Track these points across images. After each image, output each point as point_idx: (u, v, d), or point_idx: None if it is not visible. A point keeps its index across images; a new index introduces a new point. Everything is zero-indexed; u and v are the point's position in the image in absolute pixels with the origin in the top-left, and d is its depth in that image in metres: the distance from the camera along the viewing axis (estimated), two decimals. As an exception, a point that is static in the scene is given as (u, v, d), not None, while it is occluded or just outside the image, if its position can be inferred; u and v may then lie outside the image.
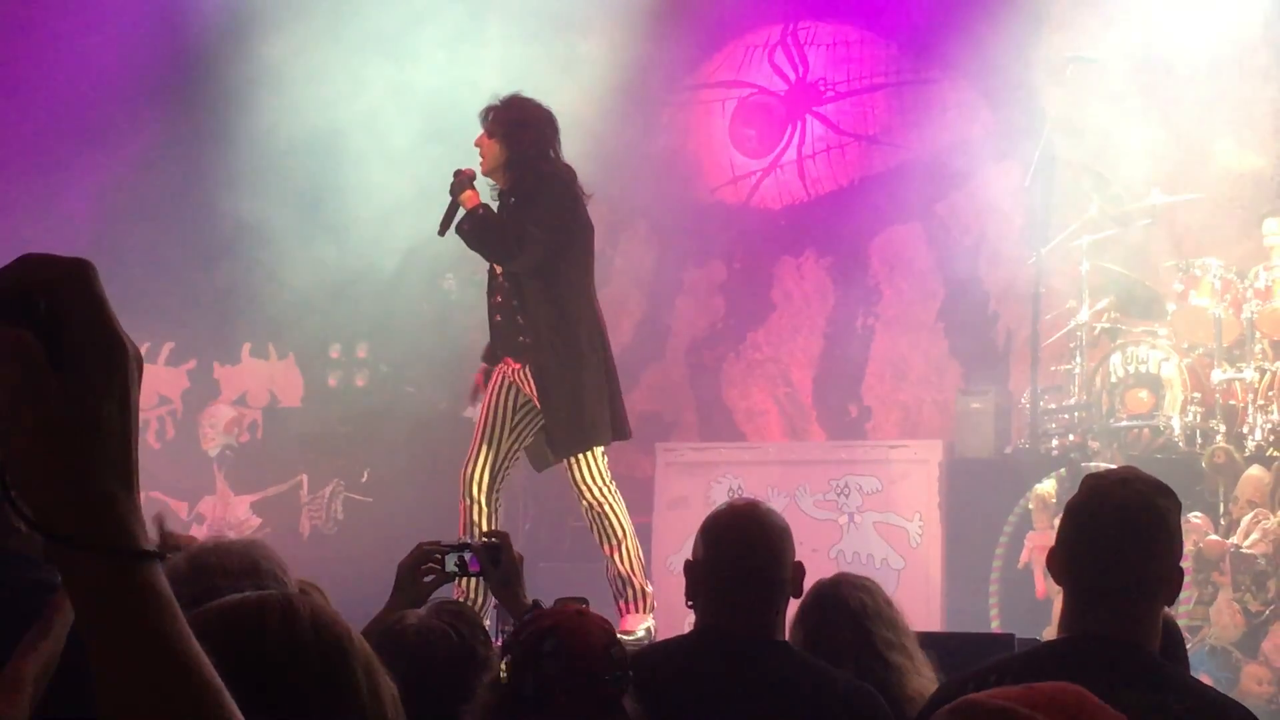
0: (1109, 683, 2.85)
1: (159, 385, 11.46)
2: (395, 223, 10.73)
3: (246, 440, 11.55)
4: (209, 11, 11.48)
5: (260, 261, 11.16)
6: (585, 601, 3.33)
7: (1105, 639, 2.97)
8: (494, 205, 7.10)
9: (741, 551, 3.62)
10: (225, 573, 2.87)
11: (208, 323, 11.53)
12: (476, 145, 7.08)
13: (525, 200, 6.97)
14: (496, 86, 7.28)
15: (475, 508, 7.04)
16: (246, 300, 11.47)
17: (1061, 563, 3.08)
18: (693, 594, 3.69)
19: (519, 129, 7.04)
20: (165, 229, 11.34)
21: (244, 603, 1.88)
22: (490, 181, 7.13)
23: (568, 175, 7.06)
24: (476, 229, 6.95)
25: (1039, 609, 8.84)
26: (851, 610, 4.05)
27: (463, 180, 7.02)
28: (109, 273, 1.19)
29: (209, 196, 11.33)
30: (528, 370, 7.02)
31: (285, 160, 11.01)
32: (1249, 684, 8.28)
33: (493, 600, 5.36)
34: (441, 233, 7.11)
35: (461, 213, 6.99)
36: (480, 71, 10.76)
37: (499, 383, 7.14)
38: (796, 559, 3.71)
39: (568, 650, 2.98)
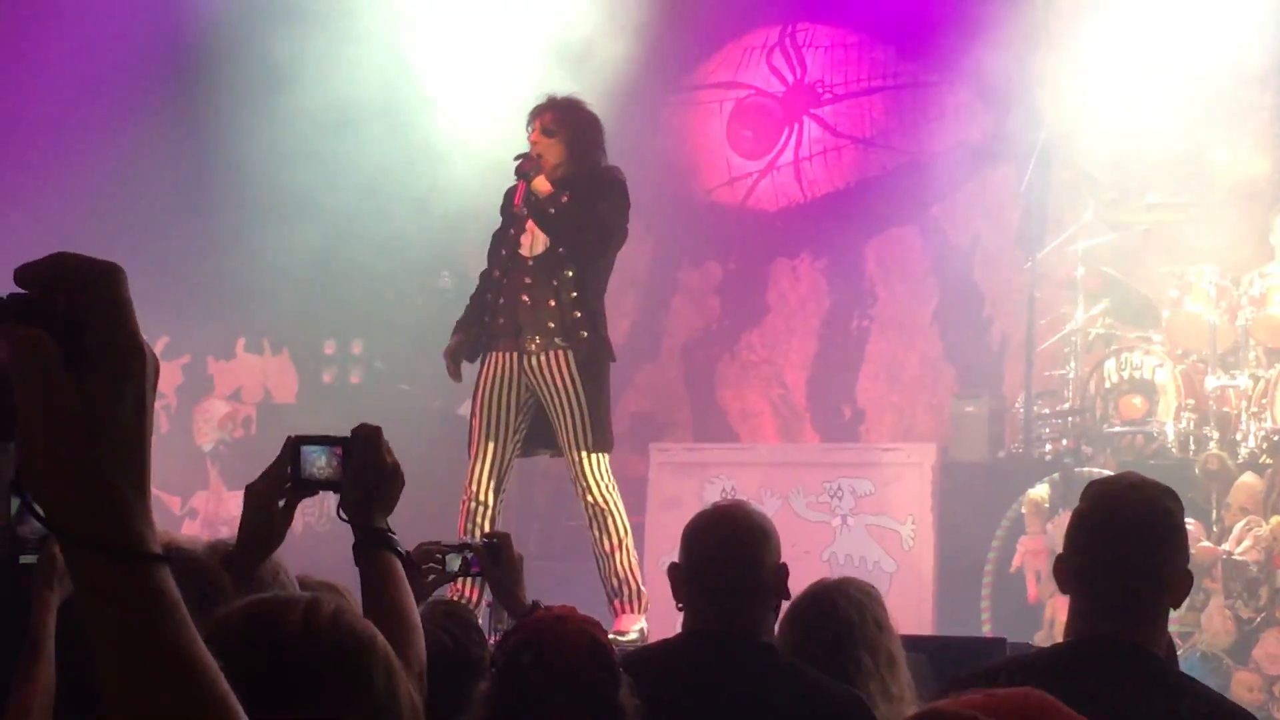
0: (1122, 686, 2.86)
1: (153, 379, 11.43)
2: (391, 219, 10.73)
3: (240, 436, 11.55)
4: (207, 5, 11.46)
5: (255, 257, 11.15)
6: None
7: (1116, 642, 2.98)
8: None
9: (716, 554, 3.62)
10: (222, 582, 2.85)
11: (202, 318, 11.51)
12: (534, 142, 6.98)
13: (583, 198, 6.89)
14: (492, 86, 7.26)
15: (479, 507, 6.95)
16: (241, 296, 11.45)
17: (1072, 568, 3.07)
18: (676, 596, 3.70)
19: (581, 129, 7.01)
20: (160, 223, 11.32)
21: (267, 601, 1.90)
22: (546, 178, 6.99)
23: (622, 176, 7.07)
24: (583, 216, 6.87)
25: (1031, 613, 8.85)
26: (837, 623, 3.95)
27: (534, 166, 6.92)
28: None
29: (204, 191, 11.32)
30: (560, 356, 6.91)
31: (281, 156, 10.99)
32: (1240, 691, 8.29)
33: (486, 599, 5.35)
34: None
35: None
36: (477, 71, 10.77)
37: (496, 373, 7.01)
38: (781, 561, 3.68)
39: (547, 661, 2.98)
